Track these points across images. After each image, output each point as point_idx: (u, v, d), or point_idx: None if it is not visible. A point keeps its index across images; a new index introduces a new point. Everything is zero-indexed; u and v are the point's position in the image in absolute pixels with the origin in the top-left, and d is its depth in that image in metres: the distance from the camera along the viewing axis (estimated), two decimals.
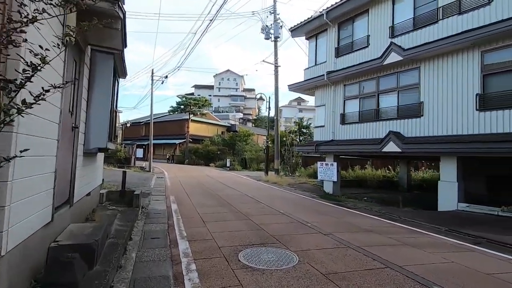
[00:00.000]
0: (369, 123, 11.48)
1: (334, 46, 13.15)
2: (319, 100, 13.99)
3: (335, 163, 12.63)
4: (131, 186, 9.73)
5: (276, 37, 17.29)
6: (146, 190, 9.92)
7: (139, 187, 10.10)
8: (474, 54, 8.58)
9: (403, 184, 16.48)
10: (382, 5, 11.27)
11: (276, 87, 17.58)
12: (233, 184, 13.06)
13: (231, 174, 19.74)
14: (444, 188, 8.96)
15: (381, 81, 11.22)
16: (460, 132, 8.77)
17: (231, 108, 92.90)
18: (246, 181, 15.24)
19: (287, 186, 13.53)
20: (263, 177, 16.88)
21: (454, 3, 9.11)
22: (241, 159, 27.74)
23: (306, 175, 17.91)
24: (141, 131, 47.32)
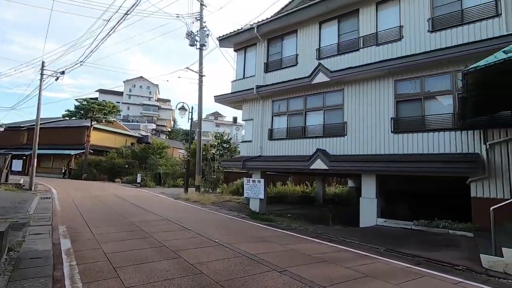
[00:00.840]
0: (297, 140, 11.54)
1: (264, 61, 13.04)
2: (246, 114, 13.52)
3: (262, 180, 12.18)
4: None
5: (202, 45, 16.31)
6: (22, 218, 7.16)
7: (9, 214, 7.29)
8: (389, 82, 9.53)
9: (319, 199, 17.36)
10: (310, 28, 11.75)
11: (200, 97, 16.43)
12: (148, 205, 11.05)
13: (144, 192, 17.17)
14: (365, 204, 9.43)
15: (308, 100, 11.49)
16: (379, 151, 9.48)
17: (142, 118, 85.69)
18: (163, 201, 13.29)
19: (211, 205, 12.30)
20: (182, 195, 15.15)
21: (372, 35, 10.06)
22: (155, 174, 24.91)
23: (228, 192, 17.03)
24: (22, 138, 38.10)
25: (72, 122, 39.09)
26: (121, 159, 32.79)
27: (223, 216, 9.58)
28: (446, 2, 8.80)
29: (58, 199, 11.52)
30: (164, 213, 8.86)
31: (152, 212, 9.17)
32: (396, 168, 8.76)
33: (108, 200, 11.83)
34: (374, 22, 10.10)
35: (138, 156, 33.78)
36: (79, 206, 9.81)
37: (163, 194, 16.43)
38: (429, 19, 8.95)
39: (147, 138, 44.01)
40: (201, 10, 16.71)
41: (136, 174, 27.86)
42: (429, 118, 8.68)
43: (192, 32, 16.02)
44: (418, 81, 9.01)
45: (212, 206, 12.08)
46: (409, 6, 9.38)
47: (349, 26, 10.78)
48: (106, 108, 30.03)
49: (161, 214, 8.71)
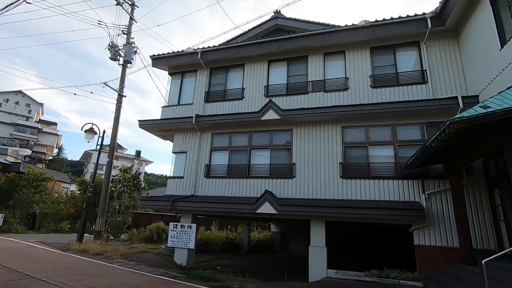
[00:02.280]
0: (239, 180, 10.32)
1: (205, 89, 11.88)
2: (179, 145, 11.62)
3: (194, 225, 10.17)
4: None
5: (127, 61, 13.97)
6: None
7: None
8: (337, 128, 9.73)
9: (244, 246, 15.98)
10: (259, 65, 11.49)
11: (116, 119, 13.53)
12: (24, 264, 7.31)
13: (9, 242, 12.05)
14: (314, 254, 8.67)
15: (254, 136, 10.70)
16: (328, 196, 9.18)
17: (13, 141, 68.39)
18: (47, 255, 9.31)
19: (122, 260, 9.29)
20: (74, 245, 11.20)
21: (320, 81, 10.41)
22: (27, 215, 18.54)
23: (140, 240, 13.76)
24: None
25: None
26: None
27: (147, 278, 7.05)
28: (384, 64, 9.96)
29: None
30: (57, 278, 5.81)
31: (33, 277, 5.90)
32: (345, 214, 8.49)
33: None
34: (322, 70, 10.56)
35: (1, 189, 25.24)
36: None
37: (43, 244, 11.87)
38: (370, 75, 9.84)
39: (18, 165, 33.97)
40: (130, 24, 14.70)
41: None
42: (374, 165, 9.03)
43: (117, 45, 13.65)
44: (363, 129, 9.47)
45: (123, 261, 9.10)
46: (354, 62, 10.21)
47: (298, 69, 10.97)
48: None
49: (52, 280, 5.65)
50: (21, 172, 29.51)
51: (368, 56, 10.09)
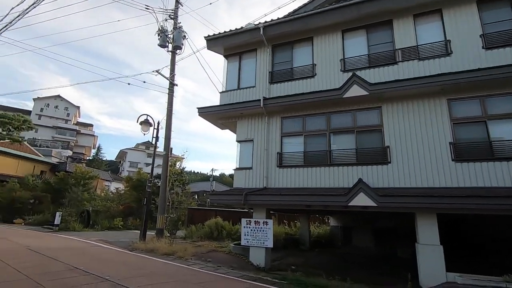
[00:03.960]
0: (319, 168, 8.97)
1: (268, 70, 10.58)
2: (243, 133, 10.48)
3: (270, 221, 9.00)
4: None
5: (177, 47, 13.03)
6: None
7: None
8: (441, 101, 8.03)
9: (305, 241, 14.69)
10: (330, 36, 9.98)
11: (169, 109, 12.67)
12: (101, 267, 6.53)
13: (72, 241, 11.66)
14: (425, 254, 7.14)
15: (333, 118, 9.26)
16: (437, 183, 7.58)
17: (56, 143, 72.14)
18: (118, 257, 8.58)
19: (197, 261, 8.35)
20: (138, 244, 10.52)
21: (412, 49, 8.71)
22: (81, 213, 18.55)
23: (200, 237, 12.93)
24: None
25: None
26: (26, 191, 24.56)
27: (247, 285, 5.92)
28: (498, 19, 8.05)
29: None
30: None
31: (123, 286, 4.97)
32: (467, 205, 6.84)
33: (21, 261, 6.77)
34: (413, 34, 8.84)
35: (53, 188, 25.96)
36: None
37: (106, 242, 11.34)
38: (481, 35, 7.99)
39: (64, 165, 35.19)
40: (177, 7, 13.73)
41: (48, 213, 20.69)
42: (498, 144, 7.27)
43: (166, 29, 12.73)
44: (477, 101, 7.71)
45: (200, 262, 8.15)
46: (456, 21, 8.39)
47: (381, 37, 9.34)
48: (13, 122, 22.52)
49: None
50: (68, 171, 30.37)
51: (475, 12, 8.23)
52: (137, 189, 21.57)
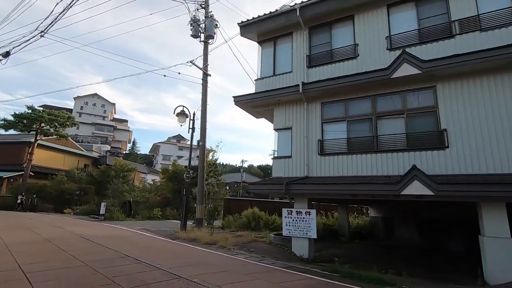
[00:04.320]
0: (365, 155, 8.40)
1: (305, 53, 10.06)
2: (281, 121, 10.12)
3: (313, 211, 8.66)
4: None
5: (209, 36, 12.89)
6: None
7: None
8: (510, 76, 7.07)
9: (344, 232, 14.17)
10: (373, 13, 9.18)
11: (204, 100, 12.65)
12: (149, 254, 6.65)
13: (118, 230, 12.19)
14: (493, 248, 6.40)
15: (379, 101, 8.59)
16: (506, 170, 6.74)
17: (95, 139, 76.70)
18: (165, 246, 8.72)
19: (240, 251, 8.28)
20: (180, 233, 10.72)
21: (472, 19, 7.73)
22: (123, 203, 19.49)
23: (237, 227, 12.94)
24: None
25: (7, 137, 31.42)
26: (73, 184, 26.37)
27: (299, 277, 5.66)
28: None
29: None
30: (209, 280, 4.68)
31: (181, 276, 4.84)
32: None
33: (76, 249, 7.10)
34: (472, 2, 7.84)
35: (96, 180, 27.62)
36: (27, 265, 5.19)
37: (149, 231, 11.71)
38: None
39: (105, 159, 37.33)
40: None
41: (93, 203, 22.01)
42: None
43: (198, 19, 12.59)
44: None
45: (243, 252, 8.06)
46: None
47: (433, 9, 8.41)
48: (59, 119, 24.04)
49: (206, 282, 4.50)
50: (108, 164, 32.12)
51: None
52: (173, 180, 22.19)
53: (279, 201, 17.02)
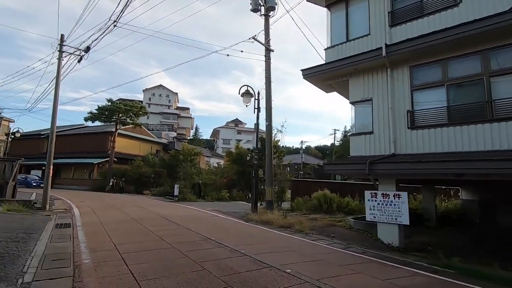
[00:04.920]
0: (474, 126, 6.79)
1: (386, 10, 8.49)
2: (358, 92, 8.92)
3: (404, 194, 7.48)
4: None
5: (270, 7, 12.02)
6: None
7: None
8: None
9: (430, 217, 12.37)
10: None
11: (268, 77, 12.00)
12: (229, 236, 6.54)
13: (193, 210, 12.71)
14: None
15: (493, 56, 6.78)
16: None
17: (162, 127, 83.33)
18: (240, 228, 8.68)
19: (320, 236, 7.67)
20: (252, 215, 10.58)
21: None
22: (193, 185, 20.55)
23: (307, 209, 12.35)
24: (42, 147, 35.03)
25: (94, 127, 35.90)
26: (148, 168, 28.91)
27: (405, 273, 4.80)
28: None
29: (83, 228, 7.19)
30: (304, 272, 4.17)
31: (272, 266, 4.43)
32: None
33: (161, 229, 7.38)
34: None
35: (167, 164, 29.80)
36: (121, 245, 5.43)
37: (221, 212, 11.92)
38: None
39: (173, 145, 40.22)
40: None
41: (167, 185, 23.77)
42: None
43: None
44: None
45: (324, 238, 7.42)
46: None
47: None
48: (133, 109, 26.30)
49: (301, 274, 4.01)
50: (177, 149, 34.39)
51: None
52: (236, 162, 22.53)
53: (350, 183, 15.83)
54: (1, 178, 11.39)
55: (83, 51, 11.72)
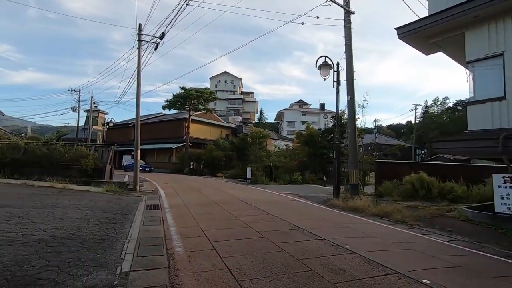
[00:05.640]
0: None
1: None
2: (481, 47, 6.85)
3: None
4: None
5: None
6: (108, 279, 2.68)
7: (83, 266, 2.79)
8: None
9: None
10: None
11: (348, 45, 10.42)
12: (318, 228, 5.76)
13: (271, 194, 12.28)
14: None
15: None
16: None
17: (229, 112, 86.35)
18: (323, 215, 7.85)
19: (425, 227, 6.28)
20: (335, 201, 9.57)
21: None
22: (265, 168, 20.32)
23: (400, 195, 10.68)
24: (130, 134, 39.58)
25: (170, 115, 38.83)
26: (219, 151, 29.96)
27: None
28: None
29: (170, 210, 7.28)
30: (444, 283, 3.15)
31: (391, 269, 3.49)
32: None
33: (243, 214, 7.02)
34: None
35: (236, 147, 30.40)
36: (209, 231, 5.14)
37: (297, 196, 11.21)
38: None
39: (241, 128, 41.02)
40: None
41: (238, 168, 24.19)
42: None
43: None
44: None
45: (437, 232, 5.99)
46: None
47: None
48: (204, 95, 27.25)
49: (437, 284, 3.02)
50: (245, 133, 34.86)
51: None
52: (308, 144, 21.43)
53: (451, 164, 13.29)
54: (100, 162, 12.75)
55: (158, 38, 12.00)
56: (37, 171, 11.92)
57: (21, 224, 4.77)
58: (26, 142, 13.87)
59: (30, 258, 3.32)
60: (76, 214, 6.00)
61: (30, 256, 3.38)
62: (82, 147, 12.96)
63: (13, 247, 3.64)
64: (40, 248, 3.69)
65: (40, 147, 12.75)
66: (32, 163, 12.24)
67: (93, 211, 6.48)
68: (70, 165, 12.16)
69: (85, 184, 11.60)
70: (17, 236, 4.12)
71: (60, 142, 13.92)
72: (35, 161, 12.26)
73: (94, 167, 12.33)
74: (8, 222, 4.86)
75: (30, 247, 3.68)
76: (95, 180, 12.03)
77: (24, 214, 5.54)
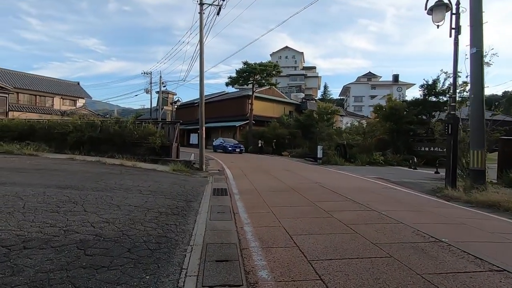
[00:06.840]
0: None
1: None
2: None
3: None
4: None
5: None
6: None
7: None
8: None
9: None
10: None
11: None
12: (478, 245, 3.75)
13: (351, 178, 10.26)
14: None
15: None
16: None
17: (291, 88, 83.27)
18: (454, 214, 5.63)
19: None
20: (449, 191, 7.12)
21: None
22: (337, 147, 18.03)
23: None
24: (196, 113, 40.69)
25: (233, 93, 38.37)
26: (283, 129, 28.32)
27: None
28: None
29: (241, 198, 6.01)
30: None
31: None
32: None
33: (334, 209, 5.32)
34: None
35: (302, 124, 28.32)
36: (298, 236, 3.65)
37: (388, 182, 9.01)
38: None
39: (305, 104, 38.43)
40: None
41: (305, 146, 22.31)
42: None
43: None
44: None
45: None
46: None
47: None
48: (267, 68, 25.57)
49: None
50: (310, 109, 32.37)
51: None
52: (389, 119, 18.22)
53: None
54: (166, 140, 12.39)
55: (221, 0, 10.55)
56: (111, 149, 12.12)
57: (71, 214, 3.96)
58: (102, 120, 14.38)
59: (53, 277, 2.24)
60: (136, 200, 5.12)
61: (55, 273, 2.31)
62: (149, 124, 12.75)
63: (43, 254, 2.67)
64: (75, 257, 2.64)
65: (113, 125, 12.96)
66: (106, 141, 12.52)
67: (155, 196, 5.57)
68: (139, 143, 12.05)
69: (153, 162, 11.32)
70: (57, 234, 3.21)
71: (129, 120, 14.05)
72: (108, 138, 12.51)
73: (161, 145, 11.99)
74: (58, 210, 4.11)
75: (62, 255, 2.66)
76: (162, 158, 11.69)
77: (81, 199, 4.84)
